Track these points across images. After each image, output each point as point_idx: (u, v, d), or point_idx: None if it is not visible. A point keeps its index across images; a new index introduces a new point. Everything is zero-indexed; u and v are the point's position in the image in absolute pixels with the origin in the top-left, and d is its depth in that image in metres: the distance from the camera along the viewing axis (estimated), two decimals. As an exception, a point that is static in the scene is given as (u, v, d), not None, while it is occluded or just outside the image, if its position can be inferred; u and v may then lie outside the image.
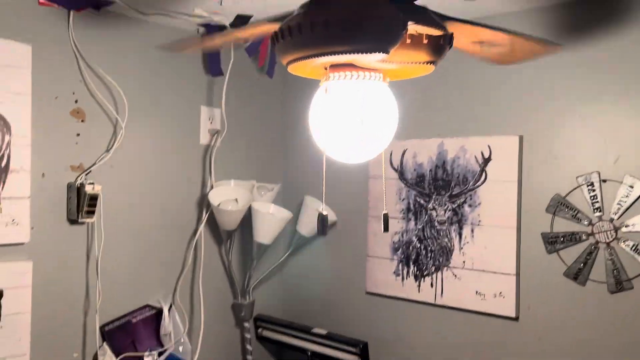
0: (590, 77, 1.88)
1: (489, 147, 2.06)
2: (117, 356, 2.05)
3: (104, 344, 2.05)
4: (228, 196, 2.34)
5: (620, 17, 1.82)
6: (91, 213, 1.97)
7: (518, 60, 1.44)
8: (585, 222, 1.89)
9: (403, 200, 2.29)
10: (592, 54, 1.87)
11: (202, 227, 2.33)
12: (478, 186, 2.09)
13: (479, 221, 2.08)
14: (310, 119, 1.22)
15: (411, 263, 2.27)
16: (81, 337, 2.02)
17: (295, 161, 2.68)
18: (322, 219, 1.15)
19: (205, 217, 2.34)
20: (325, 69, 1.17)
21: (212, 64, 2.29)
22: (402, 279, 2.29)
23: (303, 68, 1.17)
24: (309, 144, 2.57)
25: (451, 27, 1.12)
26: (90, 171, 2.00)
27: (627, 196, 1.81)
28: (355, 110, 1.15)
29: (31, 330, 1.85)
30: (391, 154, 2.30)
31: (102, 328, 2.05)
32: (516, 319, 2.01)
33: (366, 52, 1.02)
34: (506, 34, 1.19)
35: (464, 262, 2.12)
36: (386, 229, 1.34)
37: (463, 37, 1.21)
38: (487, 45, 1.26)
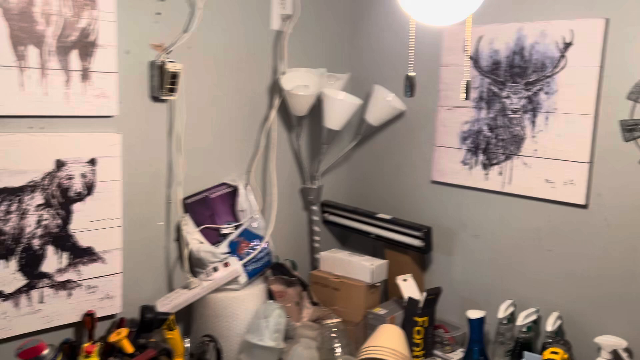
0: (692, -48, 1.75)
1: (571, 31, 1.99)
2: (197, 226, 2.21)
3: (186, 215, 2.20)
4: (299, 82, 2.38)
5: None
6: (172, 91, 2.06)
7: None
8: (669, 109, 1.83)
9: (476, 89, 2.26)
10: None
11: (274, 112, 2.40)
12: (557, 72, 2.03)
13: (555, 109, 2.05)
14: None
15: (480, 152, 2.28)
16: (165, 208, 2.18)
17: (365, 50, 2.66)
18: (409, 79, 1.18)
19: (277, 102, 2.40)
20: None
21: (287, -57, 2.25)
22: (470, 167, 2.32)
23: None
24: (378, 33, 2.56)
25: None
26: (171, 50, 2.07)
27: None
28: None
29: (122, 197, 2.02)
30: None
31: (184, 200, 2.20)
32: (585, 206, 2.02)
33: None
34: None
35: (535, 150, 2.12)
36: (467, 97, 1.36)
37: None
38: None
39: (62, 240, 1.90)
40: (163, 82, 2.04)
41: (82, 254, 1.95)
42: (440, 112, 2.40)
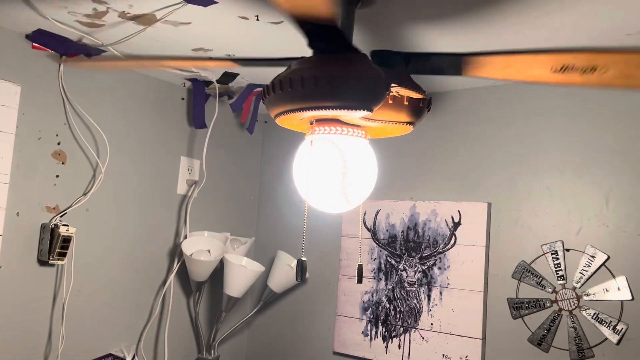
0: (556, 152, 2.00)
1: (459, 212, 2.14)
2: (73, 406, 1.97)
3: (61, 392, 1.97)
4: (201, 247, 2.34)
5: (583, 104, 1.97)
6: (62, 255, 1.95)
7: None
8: (549, 290, 1.95)
9: (374, 259, 2.33)
10: (557, 130, 2.00)
11: (172, 277, 2.32)
12: (448, 249, 2.15)
13: (448, 284, 2.13)
14: (294, 169, 1.27)
15: (380, 323, 2.28)
16: (37, 385, 1.94)
17: (270, 216, 2.71)
18: (301, 265, 1.19)
19: (176, 266, 2.33)
20: (311, 123, 1.24)
21: (197, 117, 2.35)
22: (370, 339, 2.30)
23: (290, 121, 1.24)
24: (284, 201, 2.64)
25: (517, 59, 1.09)
26: (65, 213, 2.00)
27: (588, 266, 1.89)
28: (337, 163, 1.21)
29: (-14, 374, 1.79)
30: (365, 214, 2.36)
31: (60, 376, 1.98)
32: (481, 383, 2.03)
33: (351, 109, 1.09)
34: (585, 52, 1.03)
35: (431, 324, 2.15)
36: (360, 280, 1.39)
37: (537, 68, 1.11)
38: (577, 70, 1.07)
39: None
40: (53, 245, 1.94)
41: None
42: (341, 280, 2.42)
